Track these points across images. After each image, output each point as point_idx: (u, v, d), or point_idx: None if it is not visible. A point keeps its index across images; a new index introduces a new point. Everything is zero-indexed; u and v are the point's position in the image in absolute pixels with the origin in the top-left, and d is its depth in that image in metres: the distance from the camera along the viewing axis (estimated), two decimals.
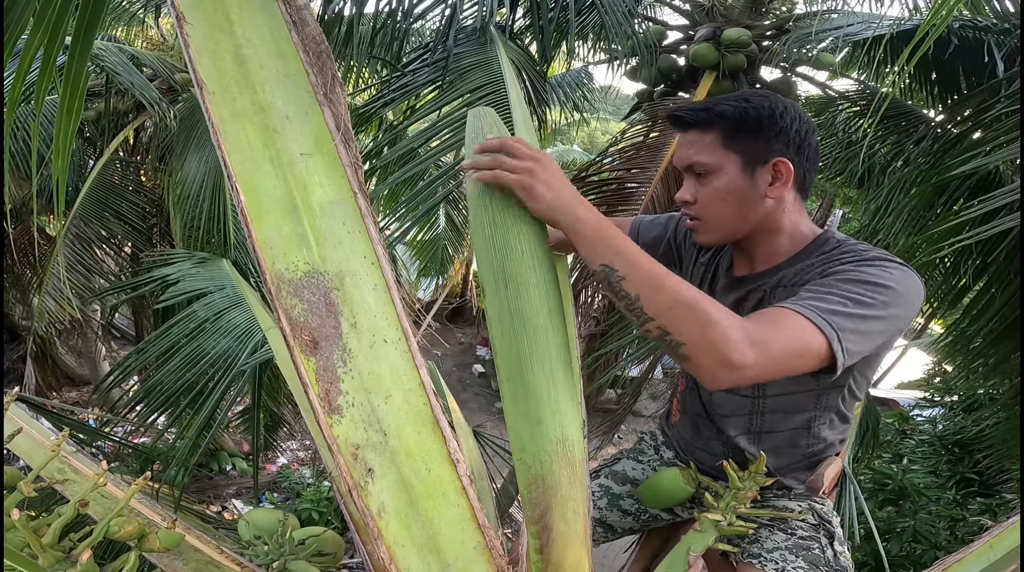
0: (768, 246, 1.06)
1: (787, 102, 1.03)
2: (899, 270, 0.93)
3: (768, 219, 1.04)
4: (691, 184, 1.05)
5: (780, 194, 1.02)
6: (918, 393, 5.70)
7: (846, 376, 1.04)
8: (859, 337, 0.85)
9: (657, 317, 0.80)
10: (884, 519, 3.90)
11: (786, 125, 1.00)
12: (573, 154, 11.12)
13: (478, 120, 0.98)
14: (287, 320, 0.71)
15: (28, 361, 4.95)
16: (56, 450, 0.86)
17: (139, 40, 6.01)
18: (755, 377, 0.80)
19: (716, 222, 1.05)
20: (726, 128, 1.00)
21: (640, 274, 0.81)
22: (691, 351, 0.78)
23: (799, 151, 1.01)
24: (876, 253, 0.96)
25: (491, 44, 2.74)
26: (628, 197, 3.17)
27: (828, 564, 1.09)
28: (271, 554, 1.06)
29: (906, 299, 0.91)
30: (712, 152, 1.01)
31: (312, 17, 0.80)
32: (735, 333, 0.78)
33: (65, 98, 0.95)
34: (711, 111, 1.01)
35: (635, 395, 3.97)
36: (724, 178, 1.01)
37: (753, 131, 1.00)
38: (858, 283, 0.89)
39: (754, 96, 1.02)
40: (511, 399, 0.80)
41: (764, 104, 1.00)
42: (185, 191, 3.74)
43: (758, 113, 0.99)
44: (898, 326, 0.92)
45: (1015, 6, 2.77)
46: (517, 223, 0.85)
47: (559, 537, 0.78)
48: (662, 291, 0.80)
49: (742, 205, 1.02)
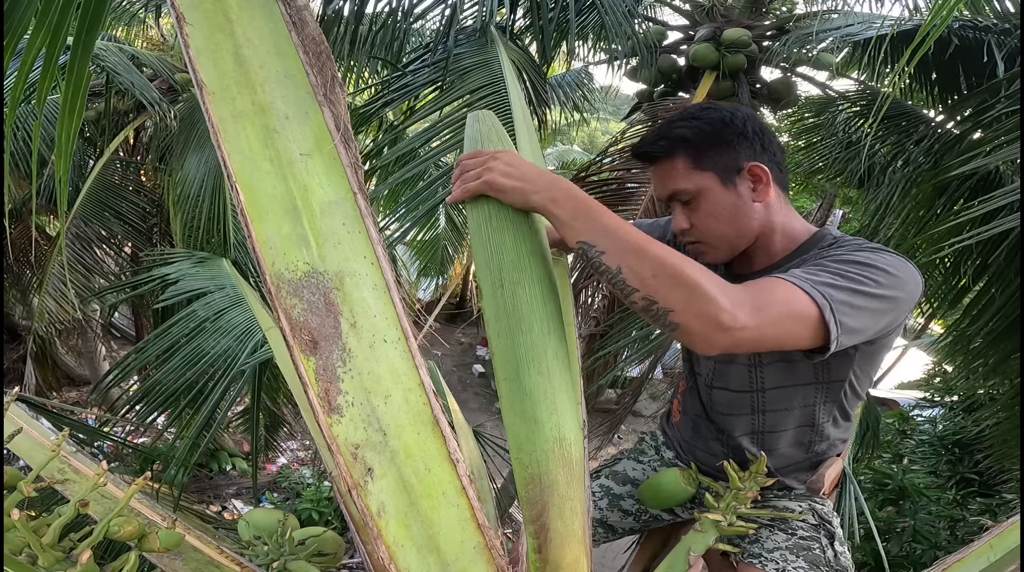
0: (763, 245, 1.07)
1: (732, 107, 1.04)
2: (895, 258, 0.93)
3: (764, 223, 1.05)
4: (681, 212, 1.06)
5: (766, 196, 1.03)
6: (918, 393, 5.70)
7: (846, 369, 1.03)
8: (853, 311, 0.85)
9: (641, 287, 0.78)
10: (884, 519, 3.90)
11: (743, 128, 1.01)
12: (573, 154, 11.11)
13: (477, 123, 0.98)
14: (287, 320, 0.71)
15: (28, 361, 4.95)
16: (56, 450, 0.86)
17: (139, 40, 6.02)
18: (749, 340, 0.79)
19: (717, 241, 1.05)
20: (690, 150, 1.01)
21: (620, 245, 0.80)
22: (680, 317, 0.77)
23: (764, 149, 1.02)
24: (873, 245, 0.96)
25: (491, 44, 2.74)
26: (628, 197, 3.17)
27: (828, 564, 1.09)
28: (271, 554, 1.06)
29: (903, 284, 0.90)
30: (687, 177, 1.01)
31: (312, 17, 0.80)
32: (724, 296, 0.77)
33: (67, 98, 0.95)
34: (669, 138, 1.02)
35: (635, 395, 3.97)
36: (710, 198, 1.02)
37: (716, 145, 1.00)
38: (851, 264, 0.89)
39: (700, 111, 1.03)
40: (508, 399, 0.80)
41: (714, 116, 1.01)
42: (185, 191, 3.74)
43: (712, 126, 1.00)
44: (894, 310, 0.91)
45: (1015, 6, 2.77)
46: (513, 224, 0.85)
47: (556, 536, 0.78)
48: (644, 260, 0.79)
49: (736, 218, 1.03)
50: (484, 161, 0.87)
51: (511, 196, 0.84)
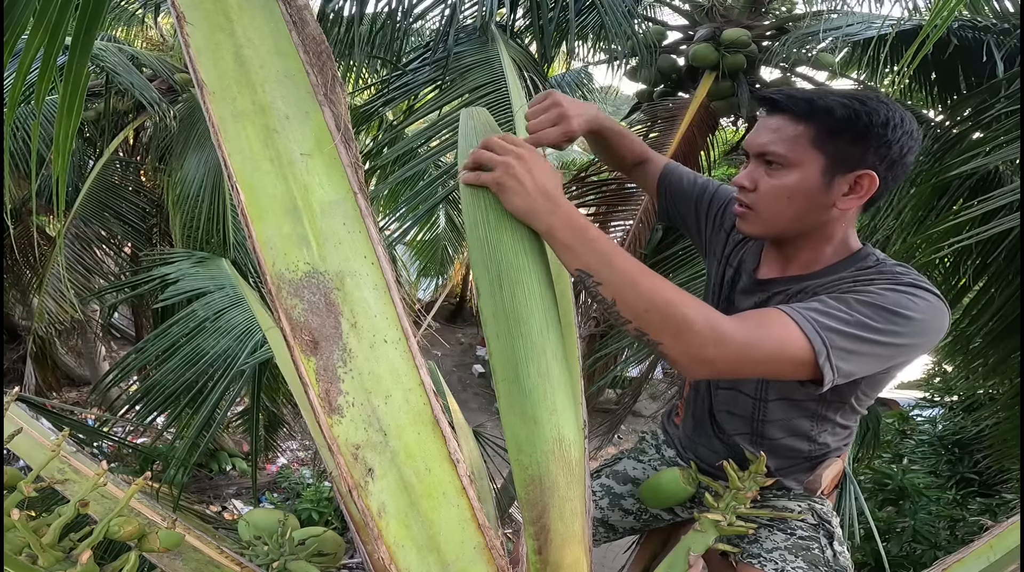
0: (812, 253, 1.00)
1: (904, 114, 0.91)
2: (927, 301, 0.87)
3: (825, 227, 0.97)
4: (755, 170, 0.96)
5: (850, 206, 0.94)
6: (918, 393, 5.69)
7: (851, 392, 1.02)
8: (854, 358, 0.83)
9: (634, 319, 0.81)
10: (884, 519, 3.90)
11: (894, 139, 0.89)
12: (573, 154, 11.11)
13: (471, 120, 0.98)
14: (287, 320, 0.71)
15: (28, 361, 4.95)
16: (56, 450, 0.86)
17: (139, 40, 6.01)
18: (732, 372, 0.84)
19: (770, 217, 0.97)
20: (825, 125, 0.90)
21: (616, 279, 0.81)
22: (667, 350, 0.81)
23: (891, 168, 0.92)
24: (912, 278, 0.90)
25: (492, 43, 2.74)
26: (628, 197, 3.17)
27: (827, 564, 1.09)
28: (271, 554, 1.06)
29: (925, 330, 0.87)
30: (795, 145, 0.91)
31: (312, 17, 0.80)
32: (710, 332, 0.79)
33: (66, 98, 0.95)
34: (814, 103, 0.91)
35: (635, 395, 3.98)
36: (798, 176, 0.92)
37: (854, 137, 0.90)
38: (874, 307, 0.85)
39: (870, 99, 0.91)
40: (507, 399, 0.80)
41: (879, 110, 0.89)
42: (185, 191, 3.74)
43: (870, 119, 0.89)
44: (907, 355, 0.89)
45: (1015, 6, 2.77)
46: (511, 223, 0.85)
47: (557, 538, 0.78)
48: (638, 294, 0.80)
49: (806, 209, 0.94)
50: (508, 160, 0.84)
51: (513, 206, 0.83)
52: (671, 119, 3.34)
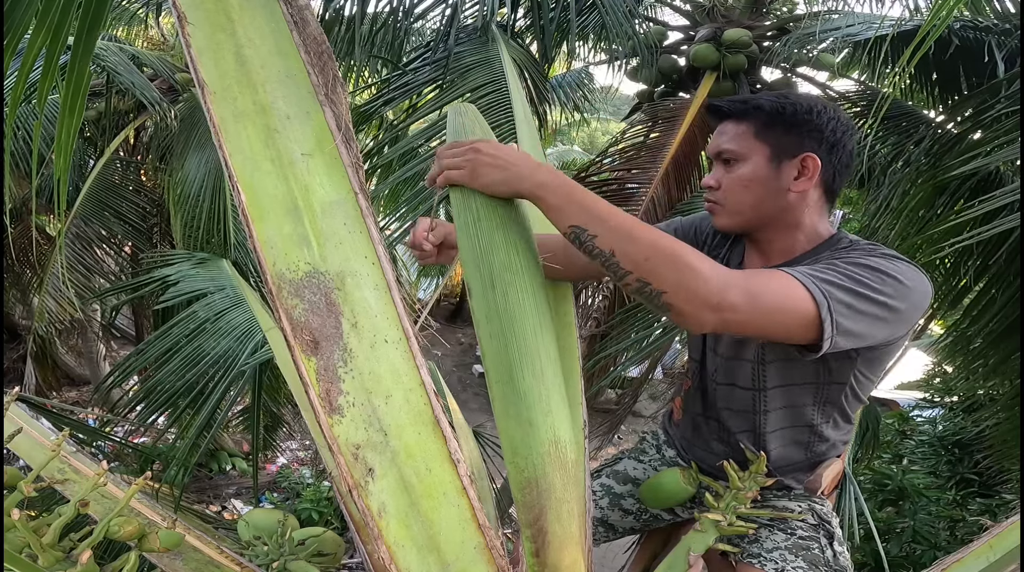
0: (785, 242, 1.07)
1: (830, 105, 1.04)
2: (908, 266, 0.93)
3: (788, 214, 1.05)
4: (718, 170, 1.07)
5: (804, 189, 1.02)
6: (918, 394, 5.69)
7: (848, 371, 1.03)
8: (852, 314, 0.85)
9: (635, 269, 0.80)
10: (884, 519, 3.90)
11: (822, 123, 1.01)
12: (573, 154, 11.11)
13: (459, 117, 0.97)
14: (288, 320, 0.71)
15: (28, 361, 4.94)
16: (56, 450, 0.86)
17: (140, 40, 6.01)
18: (737, 323, 0.81)
19: (734, 207, 1.06)
20: (760, 119, 1.02)
21: (612, 229, 0.81)
22: (672, 298, 0.79)
23: (831, 151, 1.02)
24: (888, 250, 0.97)
25: (492, 43, 2.74)
26: (628, 197, 3.17)
27: (827, 564, 1.09)
28: (271, 554, 1.06)
29: (910, 294, 0.90)
30: (742, 141, 1.03)
31: (313, 17, 0.80)
32: (716, 277, 0.79)
33: (67, 98, 0.95)
34: (748, 103, 1.04)
35: (635, 395, 3.97)
36: (749, 166, 1.03)
37: (787, 125, 1.01)
38: (861, 267, 0.90)
39: (794, 94, 1.05)
40: (502, 402, 0.80)
41: (802, 102, 1.02)
42: (185, 191, 3.74)
43: (795, 108, 1.01)
44: (896, 320, 0.91)
45: (1015, 6, 2.77)
46: (502, 223, 0.84)
47: (554, 540, 0.78)
48: (637, 243, 0.80)
49: (762, 194, 1.03)
50: (465, 151, 0.85)
51: (498, 186, 0.84)
52: (672, 119, 3.33)
